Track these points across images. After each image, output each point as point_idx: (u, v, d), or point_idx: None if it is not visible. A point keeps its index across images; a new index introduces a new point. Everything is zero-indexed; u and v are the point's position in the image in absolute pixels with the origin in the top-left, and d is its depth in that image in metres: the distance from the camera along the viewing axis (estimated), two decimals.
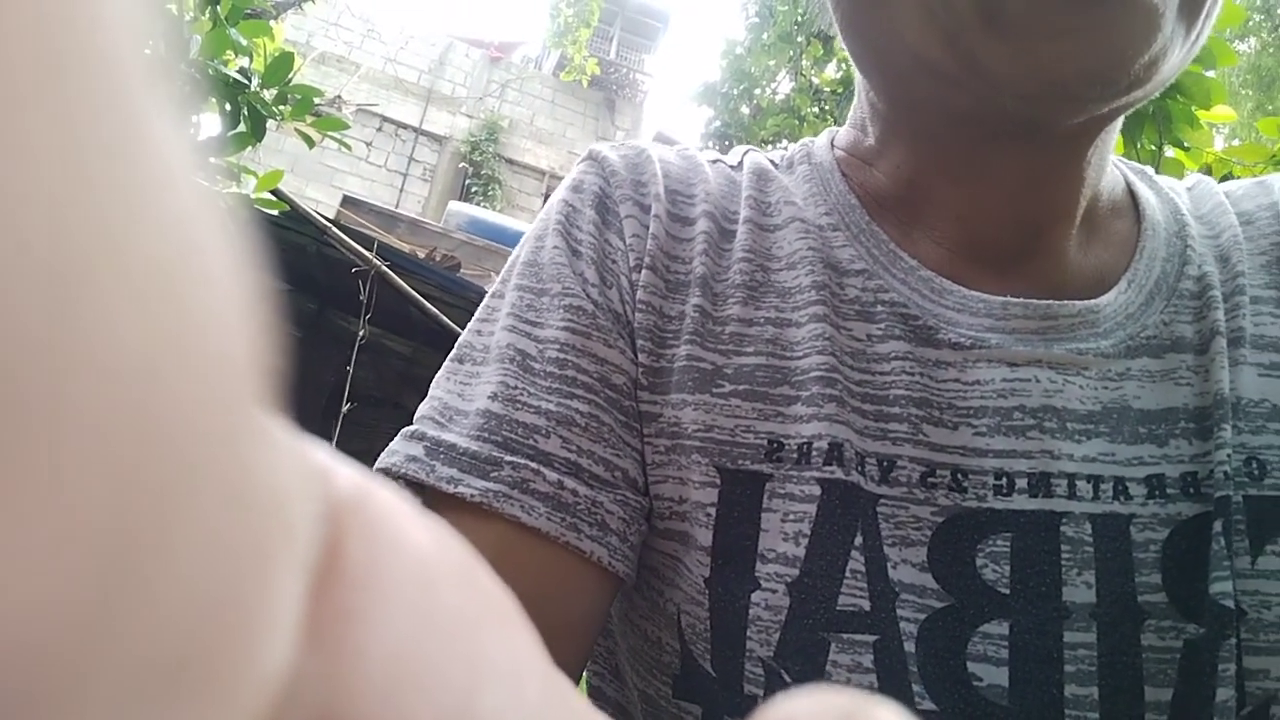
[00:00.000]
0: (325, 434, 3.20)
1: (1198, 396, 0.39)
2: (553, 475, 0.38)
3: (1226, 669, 0.34)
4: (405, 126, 10.73)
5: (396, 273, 3.24)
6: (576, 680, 0.41)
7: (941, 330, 0.40)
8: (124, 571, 0.06)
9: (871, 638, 0.36)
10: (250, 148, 2.25)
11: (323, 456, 0.09)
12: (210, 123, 2.17)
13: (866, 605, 0.37)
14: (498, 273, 0.47)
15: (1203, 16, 0.36)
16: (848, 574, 0.37)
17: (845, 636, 0.36)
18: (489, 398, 0.39)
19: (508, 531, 0.37)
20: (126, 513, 0.06)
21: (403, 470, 0.39)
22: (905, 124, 0.43)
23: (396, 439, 0.41)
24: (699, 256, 0.43)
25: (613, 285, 0.42)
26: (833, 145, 0.48)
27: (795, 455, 0.39)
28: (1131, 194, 0.46)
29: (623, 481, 0.40)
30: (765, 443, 0.39)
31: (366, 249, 3.17)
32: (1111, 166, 0.45)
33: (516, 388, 0.39)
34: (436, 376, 0.43)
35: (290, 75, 2.18)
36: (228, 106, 2.11)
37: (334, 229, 3.17)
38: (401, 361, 3.86)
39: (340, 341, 3.39)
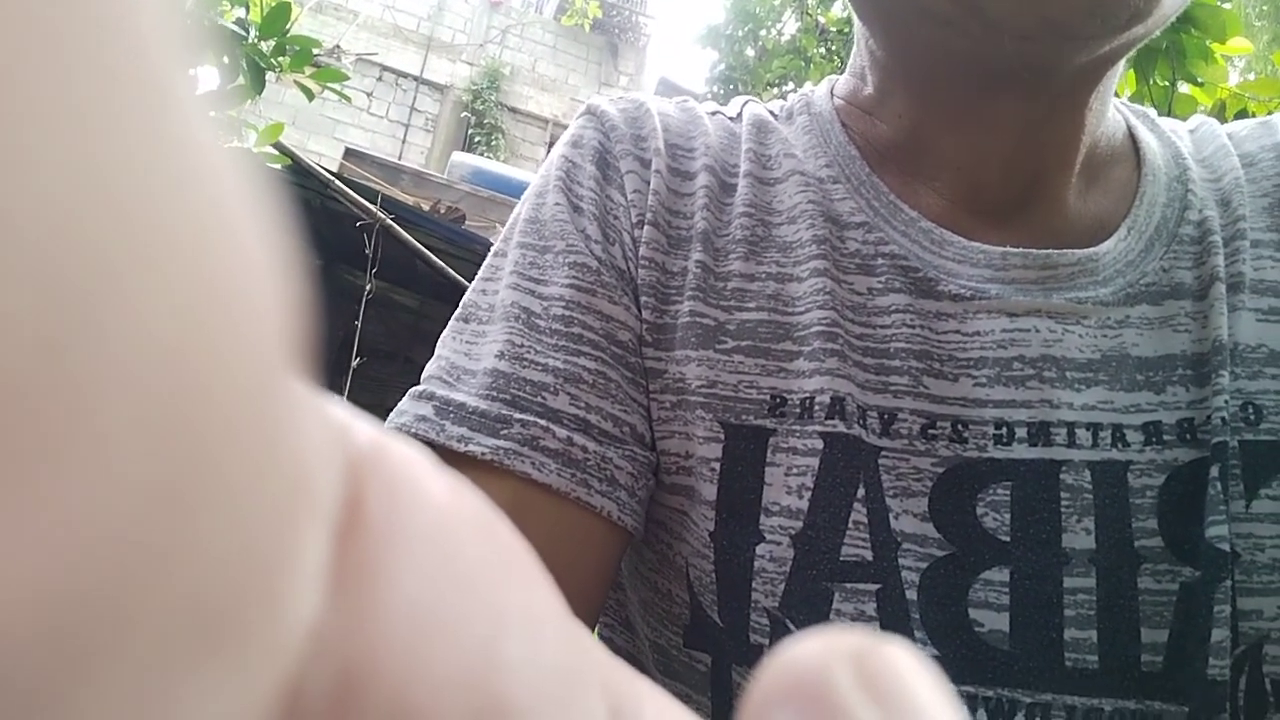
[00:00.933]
0: (335, 389, 3.22)
1: (1195, 343, 0.39)
2: (562, 432, 0.38)
3: (1221, 610, 0.35)
4: (406, 76, 10.60)
5: (401, 226, 3.22)
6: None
7: (941, 282, 0.40)
8: (155, 533, 0.06)
9: (874, 586, 0.37)
10: (250, 101, 2.22)
11: (341, 412, 0.09)
12: (208, 76, 2.15)
13: (869, 555, 0.37)
14: (503, 224, 0.47)
15: None
16: (850, 525, 0.38)
17: (848, 586, 0.37)
18: (496, 356, 0.40)
19: (519, 488, 0.38)
20: (158, 475, 0.06)
21: (412, 430, 0.39)
22: (905, 71, 0.42)
23: (405, 399, 0.41)
24: (700, 211, 0.43)
25: (615, 241, 0.42)
26: (832, 94, 0.48)
27: (798, 410, 0.39)
28: (1132, 138, 0.46)
29: (630, 437, 0.40)
30: (768, 398, 0.40)
31: (370, 202, 3.15)
32: (1113, 110, 0.45)
33: (523, 345, 0.40)
34: (442, 336, 0.43)
35: (288, 25, 2.15)
36: (226, 59, 2.09)
37: (337, 182, 3.16)
38: (409, 315, 3.87)
39: (347, 296, 3.40)
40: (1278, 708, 0.35)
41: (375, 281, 3.16)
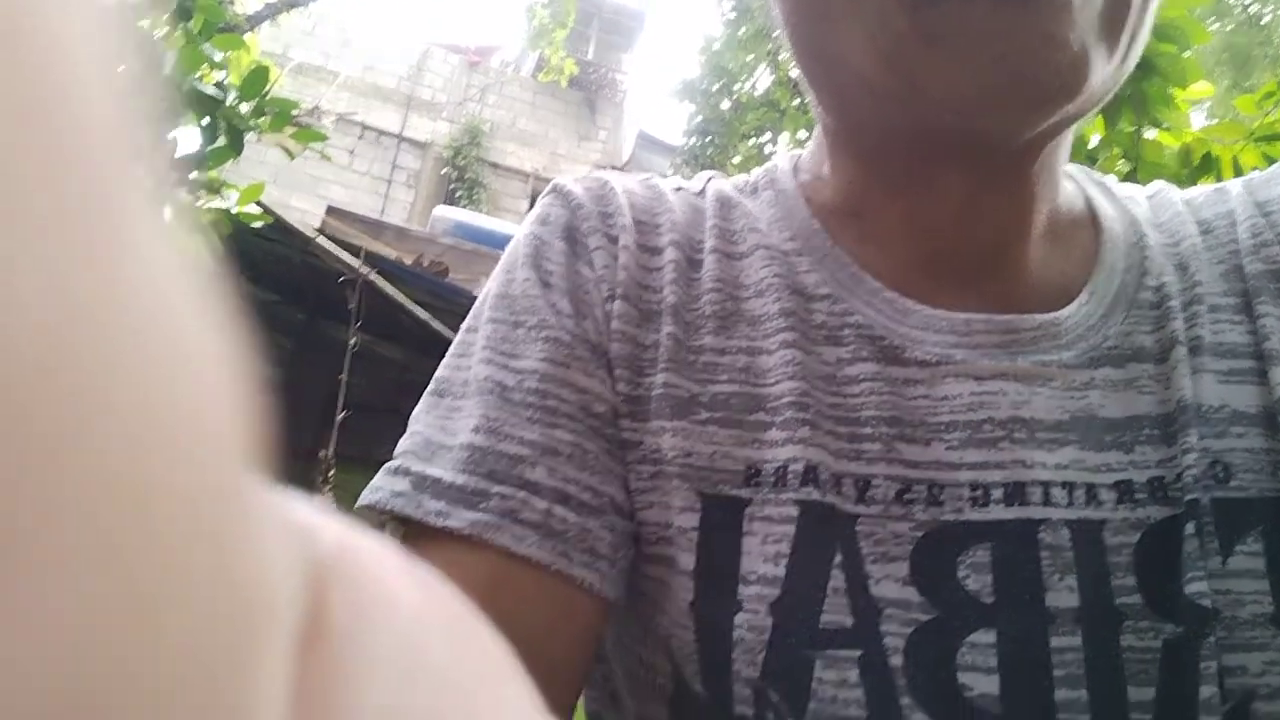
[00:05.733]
0: (322, 442, 3.19)
1: (1160, 404, 0.40)
2: (541, 503, 0.38)
3: (1208, 666, 0.35)
4: (387, 134, 10.71)
5: (385, 279, 3.23)
6: (573, 707, 0.41)
7: (908, 349, 0.41)
8: (111, 659, 0.06)
9: (856, 652, 0.37)
10: (231, 161, 2.24)
11: (306, 513, 0.09)
12: (189, 138, 2.16)
13: (849, 621, 0.37)
14: (486, 275, 0.47)
15: (1127, 33, 0.36)
16: (829, 591, 0.38)
17: (829, 653, 0.37)
18: (472, 430, 0.40)
19: (499, 561, 0.37)
20: (114, 598, 0.06)
21: (388, 505, 0.39)
22: (851, 140, 0.43)
23: (379, 474, 0.41)
24: (669, 285, 0.44)
25: (587, 316, 0.43)
26: (795, 169, 0.49)
27: (772, 479, 0.39)
28: (1090, 206, 0.47)
29: (610, 507, 0.40)
30: (743, 468, 0.40)
31: (354, 256, 3.16)
32: (1068, 181, 0.46)
33: (498, 419, 0.40)
34: (415, 410, 0.43)
35: (267, 88, 2.17)
36: (205, 121, 2.10)
37: (320, 239, 3.17)
38: (395, 368, 3.86)
39: (332, 350, 3.39)
40: None
41: (360, 336, 3.16)
